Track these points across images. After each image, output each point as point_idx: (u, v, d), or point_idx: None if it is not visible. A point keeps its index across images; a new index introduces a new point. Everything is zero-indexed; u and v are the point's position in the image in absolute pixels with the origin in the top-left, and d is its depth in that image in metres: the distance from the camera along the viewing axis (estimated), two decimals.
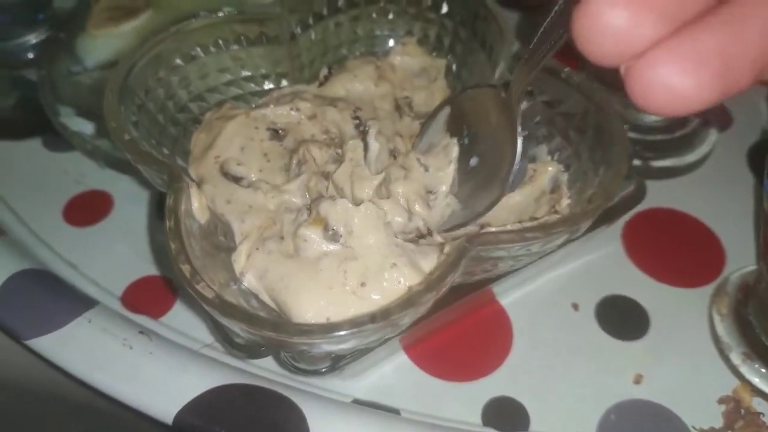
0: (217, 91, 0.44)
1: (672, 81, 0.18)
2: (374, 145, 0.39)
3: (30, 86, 0.59)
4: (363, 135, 0.40)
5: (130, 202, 0.52)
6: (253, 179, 0.39)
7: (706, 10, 0.19)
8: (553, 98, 0.39)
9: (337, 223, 0.33)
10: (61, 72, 0.55)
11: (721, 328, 0.43)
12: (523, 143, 0.34)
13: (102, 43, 0.56)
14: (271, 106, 0.42)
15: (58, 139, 0.54)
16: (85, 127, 0.52)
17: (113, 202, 0.53)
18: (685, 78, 0.18)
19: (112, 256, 0.49)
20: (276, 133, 0.41)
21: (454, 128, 0.39)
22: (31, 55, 0.63)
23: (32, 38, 0.63)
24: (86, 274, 0.47)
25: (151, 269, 0.47)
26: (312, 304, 0.32)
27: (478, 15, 0.43)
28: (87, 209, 0.52)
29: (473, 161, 0.38)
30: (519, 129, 0.34)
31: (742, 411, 0.40)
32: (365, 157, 0.39)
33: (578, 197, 0.36)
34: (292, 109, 0.42)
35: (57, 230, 0.50)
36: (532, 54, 0.31)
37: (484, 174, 0.37)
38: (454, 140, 0.39)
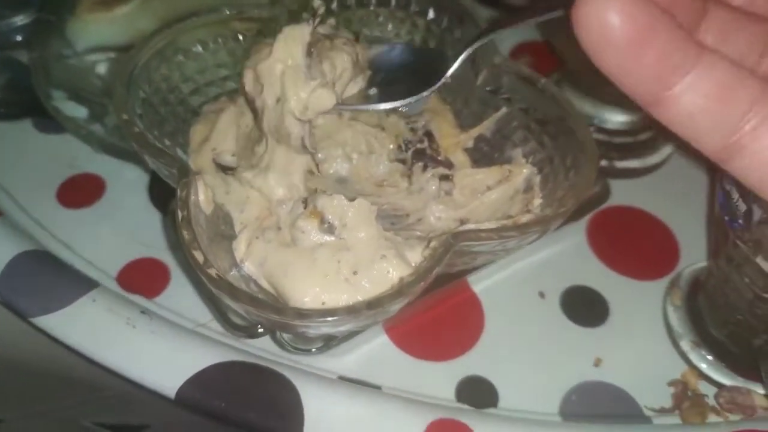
0: (215, 85, 0.46)
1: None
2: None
3: (20, 67, 0.60)
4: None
5: (123, 186, 0.54)
6: (240, 170, 0.41)
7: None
8: (529, 105, 0.42)
9: (333, 217, 0.36)
10: (52, 55, 0.56)
11: (673, 318, 0.46)
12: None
13: (93, 28, 0.57)
14: None
15: (49, 121, 0.55)
16: (78, 111, 0.53)
17: (106, 185, 0.54)
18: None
19: (106, 237, 0.50)
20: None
21: None
22: (20, 37, 0.63)
23: (20, 19, 0.63)
24: (81, 255, 0.49)
25: (144, 251, 0.49)
26: (308, 289, 0.35)
27: (463, 22, 0.46)
28: (80, 191, 0.54)
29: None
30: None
31: (689, 393, 0.43)
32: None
33: (549, 198, 0.39)
34: None
35: (51, 212, 0.52)
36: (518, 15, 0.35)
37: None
38: None
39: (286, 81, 0.37)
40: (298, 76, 0.37)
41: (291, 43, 0.37)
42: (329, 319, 0.32)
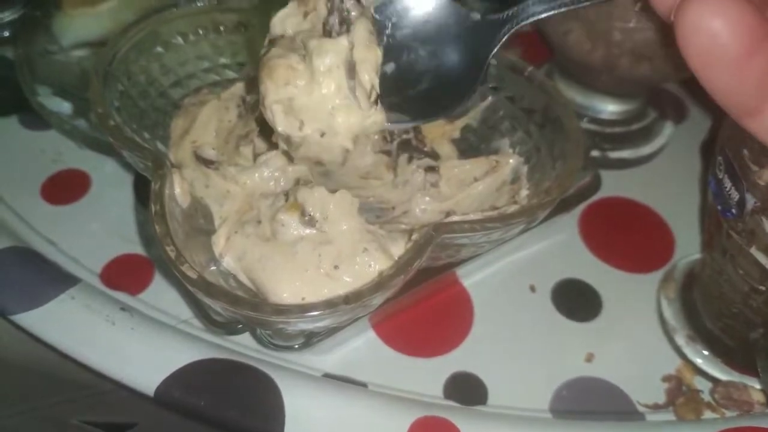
0: (196, 77, 0.45)
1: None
2: None
3: (6, 64, 0.59)
4: None
5: (108, 181, 0.53)
6: (222, 164, 0.41)
7: None
8: (515, 94, 0.41)
9: (314, 209, 0.35)
10: (37, 51, 0.56)
11: (668, 312, 0.45)
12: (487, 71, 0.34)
13: (78, 23, 0.57)
14: (237, 84, 0.44)
15: (34, 118, 0.54)
16: (62, 107, 0.53)
17: (91, 181, 0.53)
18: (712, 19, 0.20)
19: (90, 233, 0.50)
20: (244, 107, 0.43)
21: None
22: (6, 33, 0.63)
23: (7, 15, 0.63)
24: (65, 251, 0.48)
25: (128, 247, 0.49)
26: (288, 284, 0.34)
27: None
28: (65, 188, 0.53)
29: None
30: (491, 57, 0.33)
31: (684, 388, 0.42)
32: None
33: (536, 188, 0.38)
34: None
35: (35, 208, 0.51)
36: None
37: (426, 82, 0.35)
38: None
39: (337, 117, 0.33)
40: (351, 110, 0.33)
41: (334, 69, 0.32)
42: (307, 314, 0.31)
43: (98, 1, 0.57)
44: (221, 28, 0.44)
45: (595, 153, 0.54)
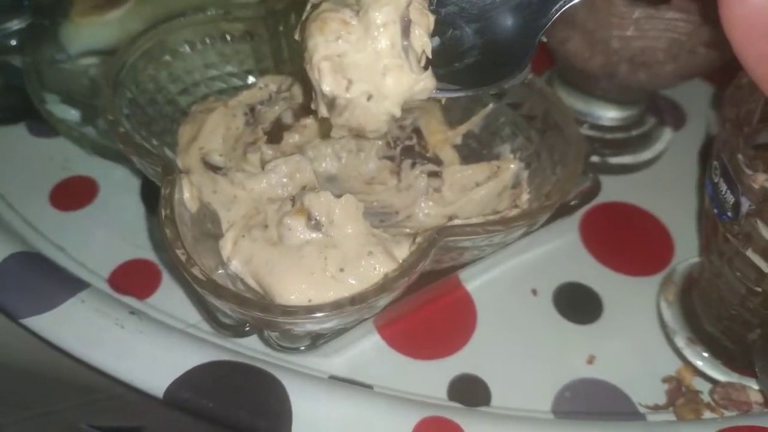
0: (203, 85, 0.46)
1: None
2: None
3: (14, 72, 0.60)
4: None
5: (116, 188, 0.54)
6: (230, 170, 0.41)
7: None
8: (516, 101, 0.42)
9: (320, 214, 0.36)
10: (45, 59, 0.57)
11: (667, 314, 0.46)
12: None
13: (86, 32, 0.57)
14: (244, 92, 0.45)
15: (42, 125, 0.55)
16: (70, 114, 0.53)
17: (98, 188, 0.54)
18: None
19: (98, 239, 0.50)
20: (251, 115, 0.44)
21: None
22: (14, 42, 0.63)
23: (15, 24, 0.64)
24: (73, 256, 0.49)
25: (136, 253, 0.49)
26: (295, 287, 0.35)
27: None
28: (73, 194, 0.54)
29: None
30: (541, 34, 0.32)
31: (684, 389, 0.43)
32: None
33: (537, 193, 0.39)
34: (260, 87, 0.45)
35: (44, 214, 0.52)
36: None
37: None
38: None
39: (387, 78, 0.31)
40: (402, 71, 0.31)
41: (390, 24, 0.30)
42: (314, 315, 0.32)
43: (106, 9, 0.57)
44: (228, 37, 0.45)
45: (595, 158, 0.54)
